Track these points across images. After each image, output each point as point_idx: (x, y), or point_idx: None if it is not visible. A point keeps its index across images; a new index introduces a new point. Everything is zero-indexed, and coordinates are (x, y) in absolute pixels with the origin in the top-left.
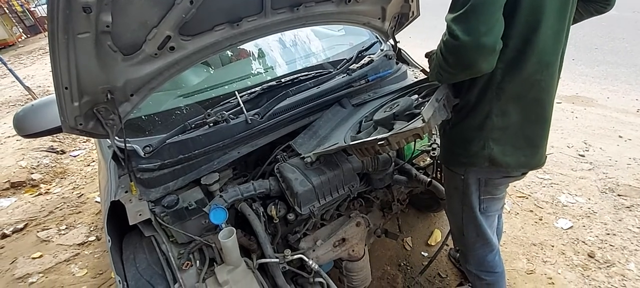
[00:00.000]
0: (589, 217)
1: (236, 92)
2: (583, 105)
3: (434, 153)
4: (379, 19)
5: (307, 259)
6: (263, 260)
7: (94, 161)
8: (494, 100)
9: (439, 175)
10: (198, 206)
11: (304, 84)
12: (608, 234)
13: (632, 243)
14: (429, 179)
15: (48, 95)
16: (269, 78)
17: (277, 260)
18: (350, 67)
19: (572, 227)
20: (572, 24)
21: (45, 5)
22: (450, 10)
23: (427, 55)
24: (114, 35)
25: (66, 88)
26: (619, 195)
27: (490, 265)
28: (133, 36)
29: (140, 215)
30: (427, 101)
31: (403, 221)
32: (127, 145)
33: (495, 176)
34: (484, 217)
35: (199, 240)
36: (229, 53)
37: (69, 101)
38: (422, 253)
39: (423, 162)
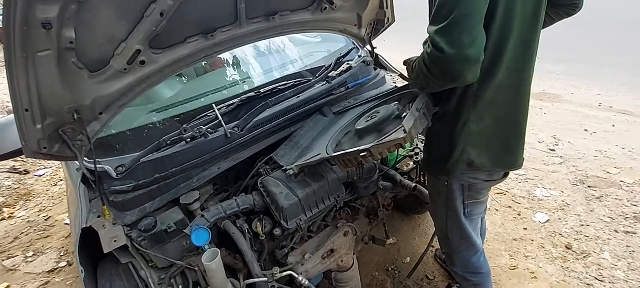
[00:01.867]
0: (563, 209)
1: (214, 105)
2: (550, 101)
3: (417, 158)
4: (356, 25)
5: (296, 275)
6: (251, 281)
7: (61, 180)
8: (471, 108)
9: (423, 179)
10: (178, 227)
11: (284, 93)
12: (582, 225)
13: (604, 232)
14: (413, 184)
15: (8, 114)
16: (247, 89)
17: (266, 279)
18: (330, 74)
19: (549, 220)
20: (544, 28)
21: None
22: (433, 23)
23: (405, 62)
24: (79, 51)
25: (26, 110)
26: (589, 186)
27: (476, 267)
28: (100, 52)
29: (115, 241)
30: (408, 109)
31: (388, 225)
32: (97, 166)
33: (477, 181)
34: (468, 221)
35: (180, 263)
36: (204, 63)
37: (30, 124)
38: (403, 261)
39: (406, 166)
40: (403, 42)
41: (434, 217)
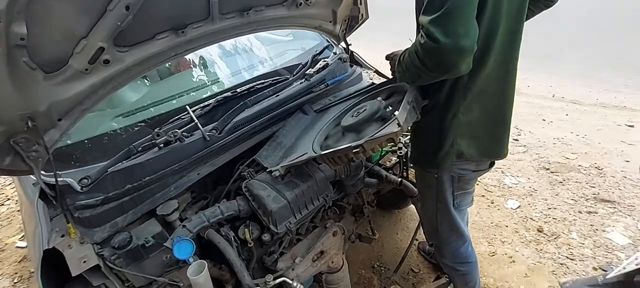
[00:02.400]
0: (531, 195)
1: (187, 107)
2: None
3: (400, 152)
4: (330, 22)
5: (290, 281)
6: None
7: (8, 200)
8: (461, 99)
9: (406, 174)
10: (157, 241)
11: (262, 92)
12: (549, 209)
13: (570, 214)
14: (399, 179)
15: None
16: (221, 89)
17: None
18: (307, 72)
19: (519, 206)
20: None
21: None
22: (426, 12)
23: (388, 57)
24: (31, 49)
25: None
26: (552, 172)
27: (464, 256)
28: (56, 50)
29: (84, 262)
30: (394, 103)
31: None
32: (58, 179)
33: (466, 171)
34: (457, 211)
35: (162, 280)
36: (168, 64)
37: None
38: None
39: (389, 161)
40: (374, 40)
41: (422, 210)
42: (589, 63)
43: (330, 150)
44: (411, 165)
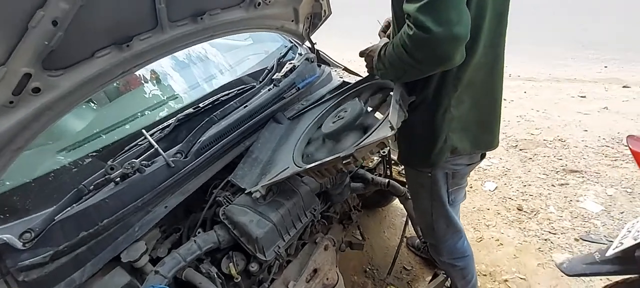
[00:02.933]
0: (506, 174)
1: (144, 131)
2: None
3: (383, 152)
4: (292, 21)
5: None
6: None
7: None
8: (451, 91)
9: (389, 173)
10: None
11: (229, 105)
12: (525, 186)
13: (544, 188)
14: (387, 180)
15: None
16: (182, 106)
17: None
18: (275, 77)
19: (497, 187)
20: None
21: None
22: (412, 0)
23: (363, 53)
24: None
25: None
26: (520, 149)
27: (461, 251)
28: None
29: None
30: (375, 103)
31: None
32: None
33: (460, 166)
34: (452, 207)
35: None
36: (116, 83)
37: None
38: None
39: (371, 162)
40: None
41: (416, 210)
42: (538, 40)
43: (317, 163)
44: (400, 165)
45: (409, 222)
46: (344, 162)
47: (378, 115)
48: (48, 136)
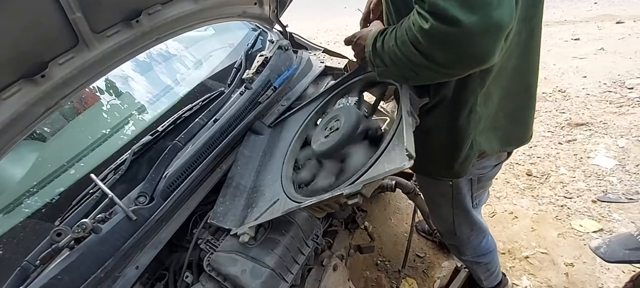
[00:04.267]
0: None
1: (93, 176)
2: None
3: None
4: (255, 3)
5: None
6: None
7: None
8: (477, 87)
9: None
10: None
11: (194, 122)
12: (531, 148)
13: (551, 148)
14: (393, 181)
15: None
16: (138, 132)
17: None
18: (245, 76)
19: None
20: None
21: None
22: None
23: (348, 41)
24: None
25: None
26: None
27: (485, 248)
28: None
29: None
30: (373, 102)
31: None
32: None
33: (486, 169)
34: (475, 210)
35: None
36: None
37: None
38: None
39: None
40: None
41: (435, 217)
42: None
43: (314, 199)
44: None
45: (417, 210)
46: (350, 202)
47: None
48: None
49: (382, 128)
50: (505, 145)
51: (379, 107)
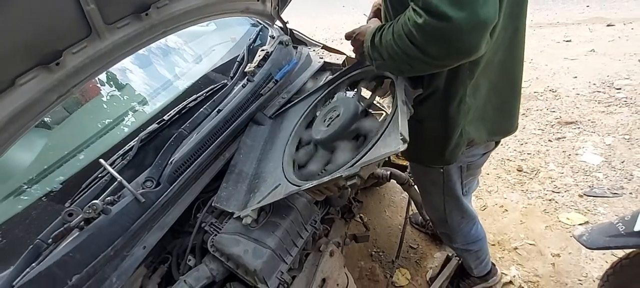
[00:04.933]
0: None
1: (102, 161)
2: None
3: None
4: (258, 0)
5: None
6: None
7: None
8: (466, 79)
9: (388, 159)
10: None
11: (199, 112)
12: (522, 144)
13: (541, 145)
14: (388, 171)
15: None
16: (143, 120)
17: None
18: (248, 70)
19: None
20: None
21: None
22: None
23: (349, 36)
24: None
25: None
26: None
27: (475, 235)
28: None
29: None
30: (371, 94)
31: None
32: None
33: (475, 157)
34: (465, 197)
35: None
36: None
37: None
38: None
39: None
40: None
41: (427, 205)
42: None
43: (314, 182)
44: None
45: (411, 202)
46: (348, 183)
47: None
48: None
49: (379, 121)
50: (492, 135)
51: (375, 102)
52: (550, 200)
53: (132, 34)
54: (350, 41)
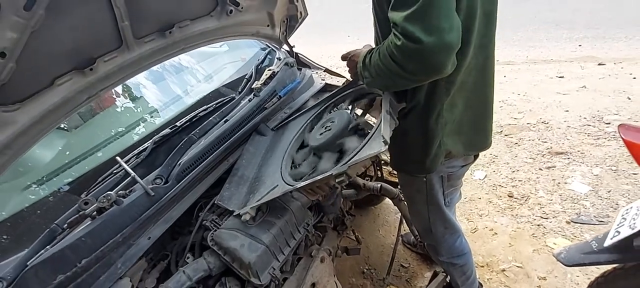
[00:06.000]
0: (494, 162)
1: (118, 158)
2: None
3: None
4: (268, 25)
5: None
6: None
7: None
8: (443, 96)
9: (379, 174)
10: None
11: (208, 121)
12: (513, 172)
13: (532, 173)
14: (379, 185)
15: None
16: (158, 125)
17: None
18: (254, 86)
19: (486, 175)
20: None
21: None
22: (397, 7)
23: (344, 57)
24: None
25: None
26: (506, 135)
27: (460, 249)
28: None
29: None
30: (363, 110)
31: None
32: None
33: (455, 168)
34: (448, 208)
35: None
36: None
37: None
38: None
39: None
40: (309, 33)
41: (412, 214)
42: (510, 24)
43: (308, 181)
44: (393, 170)
45: (403, 221)
46: (337, 180)
47: (368, 117)
48: (14, 171)
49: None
50: (467, 149)
51: (366, 119)
52: (538, 225)
53: (156, 48)
54: (346, 61)
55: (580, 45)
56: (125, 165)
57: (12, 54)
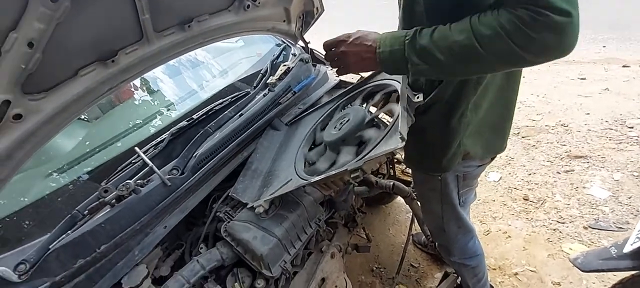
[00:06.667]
0: (510, 164)
1: (136, 149)
2: None
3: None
4: (284, 21)
5: None
6: None
7: None
8: (471, 95)
9: (392, 172)
10: None
11: (224, 114)
12: (529, 174)
13: (549, 176)
14: (391, 182)
15: None
16: (175, 118)
17: None
18: (269, 81)
19: (501, 177)
20: None
21: None
22: None
23: (331, 44)
24: None
25: None
26: (523, 137)
27: (473, 250)
28: None
29: None
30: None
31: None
32: None
33: (471, 168)
34: (462, 208)
35: None
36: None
37: None
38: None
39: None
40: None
41: (426, 213)
42: None
43: (322, 175)
44: (408, 167)
45: (415, 220)
46: (352, 175)
47: (382, 116)
48: (37, 159)
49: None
50: (485, 152)
51: (381, 115)
52: (554, 229)
53: (175, 41)
54: (339, 49)
55: (604, 46)
56: (143, 156)
57: (39, 44)
